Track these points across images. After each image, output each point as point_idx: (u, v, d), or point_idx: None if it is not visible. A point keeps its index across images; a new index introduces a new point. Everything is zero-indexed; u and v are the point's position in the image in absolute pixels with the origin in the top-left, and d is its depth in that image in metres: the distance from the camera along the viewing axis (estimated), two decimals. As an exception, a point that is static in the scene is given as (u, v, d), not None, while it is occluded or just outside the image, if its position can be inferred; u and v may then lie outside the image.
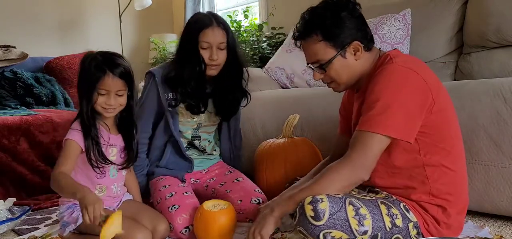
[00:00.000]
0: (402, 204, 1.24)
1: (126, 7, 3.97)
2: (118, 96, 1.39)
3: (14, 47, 3.18)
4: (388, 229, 1.19)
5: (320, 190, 1.19)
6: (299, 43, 1.37)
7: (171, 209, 1.56)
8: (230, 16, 3.58)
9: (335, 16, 1.28)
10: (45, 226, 1.82)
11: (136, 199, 1.63)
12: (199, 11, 1.77)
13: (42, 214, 2.01)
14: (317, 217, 1.13)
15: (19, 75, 2.97)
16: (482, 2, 2.11)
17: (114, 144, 1.47)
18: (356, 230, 1.15)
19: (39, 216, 1.97)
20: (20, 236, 1.72)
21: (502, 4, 2.03)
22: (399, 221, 1.21)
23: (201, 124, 1.82)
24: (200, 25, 1.63)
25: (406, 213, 1.23)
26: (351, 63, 1.31)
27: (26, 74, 3.01)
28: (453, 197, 1.25)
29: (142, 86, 1.85)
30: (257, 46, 3.34)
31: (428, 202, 1.24)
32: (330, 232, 1.13)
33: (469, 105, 1.55)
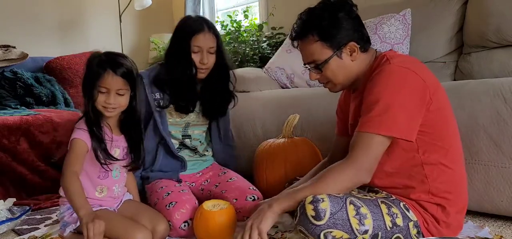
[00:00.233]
0: (402, 204, 1.24)
1: (126, 7, 3.97)
2: (119, 96, 1.39)
3: (14, 47, 3.18)
4: (389, 229, 1.19)
5: (321, 190, 1.19)
6: (296, 43, 1.38)
7: (169, 206, 1.59)
8: (230, 16, 3.58)
9: (332, 17, 1.29)
10: (45, 226, 1.82)
11: (136, 199, 1.63)
12: (189, 15, 1.81)
13: (42, 214, 2.01)
14: (318, 217, 1.13)
15: (19, 75, 2.97)
16: (482, 2, 2.11)
17: (117, 145, 1.47)
18: (357, 230, 1.15)
19: (39, 216, 1.97)
20: (20, 236, 1.72)
21: (502, 4, 2.03)
22: (400, 221, 1.21)
23: (189, 124, 1.85)
24: (193, 30, 1.69)
25: (406, 212, 1.23)
26: (347, 64, 1.32)
27: (26, 74, 3.01)
28: (452, 196, 1.25)
29: None
30: (257, 46, 3.34)
31: (428, 201, 1.24)
32: (331, 232, 1.13)
33: (469, 105, 1.55)
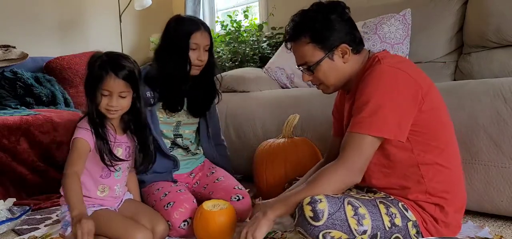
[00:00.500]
0: (401, 203, 1.25)
1: (126, 7, 3.97)
2: (121, 98, 1.39)
3: (14, 47, 3.17)
4: (388, 229, 1.19)
5: (314, 193, 1.19)
6: (289, 45, 1.39)
7: (167, 207, 1.59)
8: (230, 16, 3.57)
9: (325, 19, 1.30)
10: (45, 226, 1.82)
11: (136, 199, 1.63)
12: (179, 15, 1.83)
13: (42, 214, 2.01)
14: (316, 218, 1.13)
15: (19, 75, 2.97)
16: (482, 2, 2.11)
17: (119, 145, 1.47)
18: (356, 230, 1.15)
19: (39, 216, 1.98)
20: (20, 236, 1.72)
21: (502, 4, 2.03)
22: (398, 220, 1.21)
23: (180, 122, 1.86)
24: (191, 29, 1.73)
25: (405, 212, 1.23)
26: (339, 66, 1.32)
27: (26, 74, 3.01)
28: (450, 195, 1.25)
29: None
30: (257, 46, 3.34)
31: (425, 201, 1.24)
32: (330, 232, 1.13)
33: (469, 105, 1.55)
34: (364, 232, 1.16)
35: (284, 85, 2.62)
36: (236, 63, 3.30)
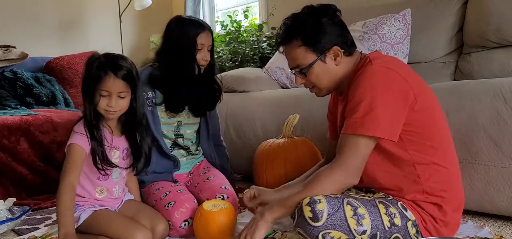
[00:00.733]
0: (400, 203, 1.25)
1: (126, 7, 3.97)
2: (120, 98, 1.39)
3: (14, 47, 3.17)
4: (387, 228, 1.19)
5: (312, 194, 1.19)
6: (282, 49, 1.40)
7: (168, 206, 1.59)
8: (230, 16, 3.57)
9: (316, 22, 1.30)
10: (45, 226, 1.82)
11: (136, 199, 1.63)
12: (180, 16, 1.84)
13: (42, 214, 2.01)
14: (316, 218, 1.13)
15: (19, 75, 2.97)
16: (482, 2, 2.11)
17: (117, 147, 1.46)
18: (355, 230, 1.15)
19: (39, 216, 1.98)
20: (20, 236, 1.72)
21: (502, 4, 2.03)
22: (398, 220, 1.21)
23: (181, 122, 1.86)
24: (197, 29, 1.75)
25: (404, 212, 1.23)
26: (332, 68, 1.33)
27: (26, 74, 3.01)
28: (448, 194, 1.25)
29: None
30: (257, 46, 3.34)
31: (424, 201, 1.25)
32: (329, 233, 1.14)
33: (469, 105, 1.55)
34: (364, 232, 1.16)
35: (284, 85, 2.62)
36: (236, 63, 3.30)
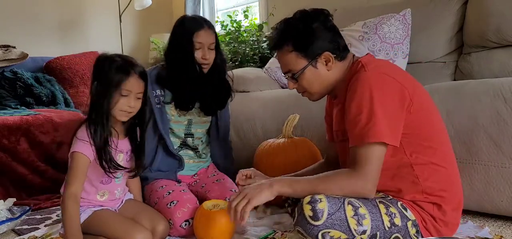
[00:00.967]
0: (400, 203, 1.25)
1: (126, 7, 3.97)
2: (137, 99, 1.39)
3: (14, 47, 3.18)
4: (387, 228, 1.19)
5: (321, 190, 1.19)
6: (275, 53, 1.39)
7: (170, 205, 1.60)
8: (230, 16, 3.57)
9: (307, 27, 1.30)
10: (45, 226, 1.82)
11: (137, 199, 1.63)
12: (186, 15, 1.85)
13: (42, 214, 2.01)
14: (316, 217, 1.13)
15: (19, 75, 2.97)
16: (482, 2, 2.11)
17: (121, 150, 1.45)
18: (355, 230, 1.15)
19: (39, 216, 1.98)
20: (20, 236, 1.72)
21: (502, 4, 2.03)
22: (398, 220, 1.21)
23: (192, 121, 1.86)
24: (194, 27, 1.73)
25: (405, 212, 1.23)
26: (323, 73, 1.33)
27: (26, 74, 3.01)
28: (447, 194, 1.25)
29: None
30: (257, 46, 3.34)
31: (423, 201, 1.24)
32: (329, 232, 1.13)
33: (469, 105, 1.55)
34: (364, 232, 1.16)
35: (284, 85, 2.62)
36: (236, 63, 3.30)
